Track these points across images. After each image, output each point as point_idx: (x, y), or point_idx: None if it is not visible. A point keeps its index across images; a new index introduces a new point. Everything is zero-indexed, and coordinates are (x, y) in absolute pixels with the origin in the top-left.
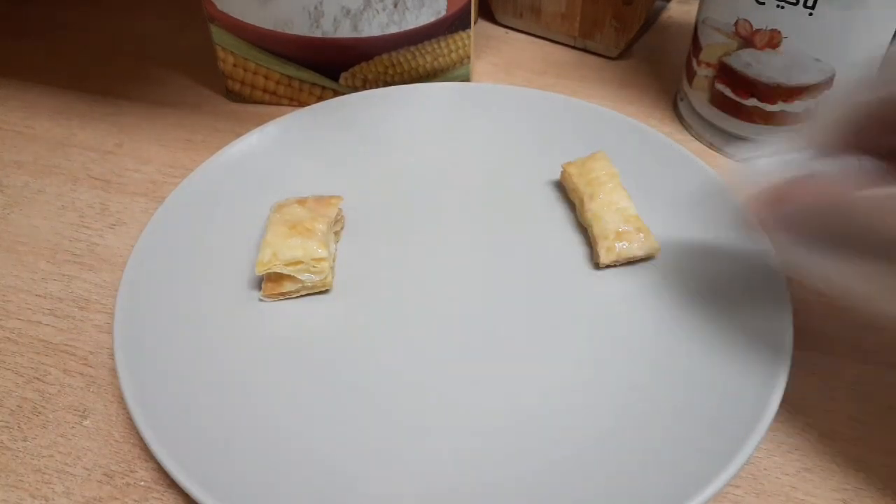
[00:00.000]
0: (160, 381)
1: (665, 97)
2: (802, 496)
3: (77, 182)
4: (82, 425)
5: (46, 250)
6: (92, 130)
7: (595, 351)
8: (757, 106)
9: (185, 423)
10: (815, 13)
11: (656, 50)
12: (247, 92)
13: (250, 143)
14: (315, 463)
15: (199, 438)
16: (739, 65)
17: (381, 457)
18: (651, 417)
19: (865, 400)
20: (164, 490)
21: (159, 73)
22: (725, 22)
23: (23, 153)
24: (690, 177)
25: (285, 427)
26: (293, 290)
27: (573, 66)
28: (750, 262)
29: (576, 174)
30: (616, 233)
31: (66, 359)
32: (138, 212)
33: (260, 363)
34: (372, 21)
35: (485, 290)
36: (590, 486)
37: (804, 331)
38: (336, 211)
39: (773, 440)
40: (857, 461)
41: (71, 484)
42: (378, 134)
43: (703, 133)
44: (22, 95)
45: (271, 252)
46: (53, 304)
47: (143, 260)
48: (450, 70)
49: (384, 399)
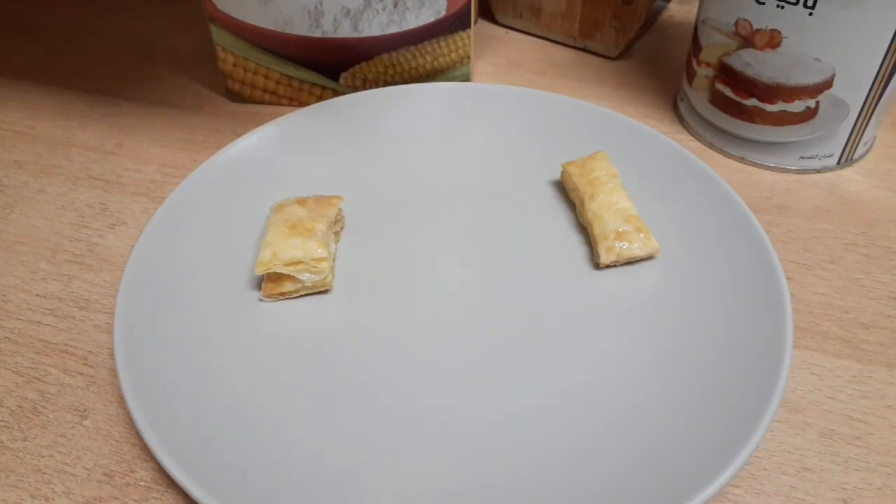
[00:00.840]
0: (160, 381)
1: (665, 97)
2: (802, 496)
3: (77, 182)
4: (82, 425)
5: (46, 250)
6: (92, 130)
7: (595, 351)
8: (757, 106)
9: (184, 422)
10: (814, 13)
11: (656, 50)
12: (247, 92)
13: (250, 143)
14: (315, 462)
15: (199, 438)
16: (739, 65)
17: (381, 456)
18: (651, 417)
19: (864, 399)
20: (164, 490)
21: (159, 73)
22: (725, 22)
23: (23, 153)
24: (690, 177)
25: (285, 427)
26: (293, 290)
27: (573, 67)
28: (750, 262)
29: (576, 174)
30: (616, 233)
31: (66, 359)
32: (138, 212)
33: (260, 363)
34: (372, 21)
35: (484, 290)
36: (590, 485)
37: (804, 330)
38: (336, 211)
39: (773, 440)
40: (856, 461)
41: (71, 484)
42: (378, 134)
43: (703, 133)
44: (22, 96)
45: (271, 252)
46: (53, 304)
47: (143, 260)
48: (450, 70)
49: (384, 398)
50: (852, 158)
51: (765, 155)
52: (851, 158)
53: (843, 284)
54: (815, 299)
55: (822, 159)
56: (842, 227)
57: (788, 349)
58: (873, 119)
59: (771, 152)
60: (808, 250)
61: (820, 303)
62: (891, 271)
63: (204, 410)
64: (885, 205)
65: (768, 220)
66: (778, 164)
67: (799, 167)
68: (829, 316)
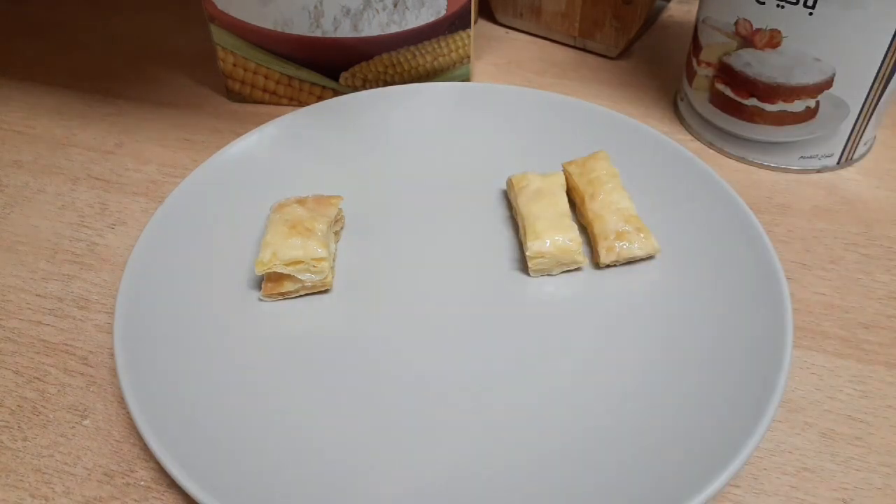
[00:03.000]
0: (160, 380)
1: (665, 97)
2: (802, 496)
3: (77, 182)
4: (82, 425)
5: (46, 250)
6: (92, 130)
7: (595, 350)
8: (757, 106)
9: (185, 422)
10: (815, 13)
11: (656, 50)
12: (247, 92)
13: (250, 143)
14: (314, 462)
15: (199, 438)
16: (739, 64)
17: (381, 456)
18: (651, 417)
19: (864, 399)
20: (164, 490)
21: (159, 73)
22: (725, 21)
23: (23, 153)
24: (690, 177)
25: (285, 426)
26: (293, 289)
27: (573, 66)
28: (750, 262)
29: (576, 174)
30: (616, 233)
31: (66, 359)
32: (138, 212)
33: (260, 362)
34: (372, 21)
35: (484, 289)
36: (590, 485)
37: (804, 330)
38: (336, 211)
39: (773, 440)
40: (856, 461)
41: (71, 484)
42: (378, 134)
43: (703, 133)
44: (22, 95)
45: (271, 252)
46: (53, 304)
47: (143, 260)
48: (450, 70)
49: (384, 398)
50: (852, 158)
51: (765, 155)
52: (851, 158)
53: (844, 284)
54: (816, 299)
55: (822, 159)
56: (842, 226)
57: (788, 349)
58: (873, 119)
59: (771, 152)
60: (808, 250)
61: (820, 303)
62: (891, 271)
63: (204, 410)
64: (885, 205)
65: (768, 220)
66: (778, 163)
67: (799, 167)
68: (829, 316)
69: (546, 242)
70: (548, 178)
